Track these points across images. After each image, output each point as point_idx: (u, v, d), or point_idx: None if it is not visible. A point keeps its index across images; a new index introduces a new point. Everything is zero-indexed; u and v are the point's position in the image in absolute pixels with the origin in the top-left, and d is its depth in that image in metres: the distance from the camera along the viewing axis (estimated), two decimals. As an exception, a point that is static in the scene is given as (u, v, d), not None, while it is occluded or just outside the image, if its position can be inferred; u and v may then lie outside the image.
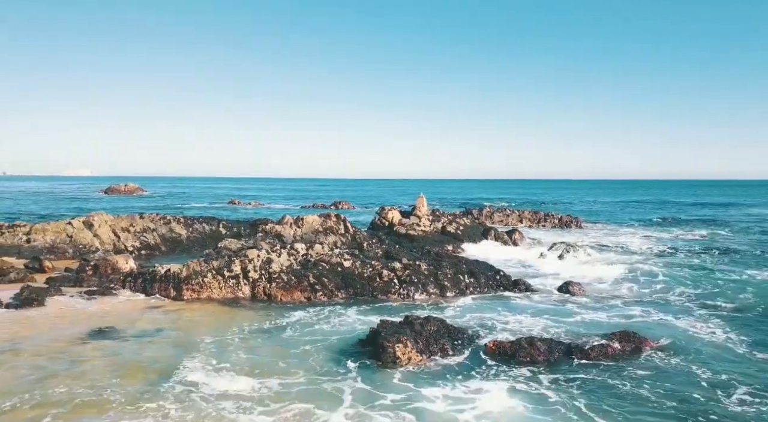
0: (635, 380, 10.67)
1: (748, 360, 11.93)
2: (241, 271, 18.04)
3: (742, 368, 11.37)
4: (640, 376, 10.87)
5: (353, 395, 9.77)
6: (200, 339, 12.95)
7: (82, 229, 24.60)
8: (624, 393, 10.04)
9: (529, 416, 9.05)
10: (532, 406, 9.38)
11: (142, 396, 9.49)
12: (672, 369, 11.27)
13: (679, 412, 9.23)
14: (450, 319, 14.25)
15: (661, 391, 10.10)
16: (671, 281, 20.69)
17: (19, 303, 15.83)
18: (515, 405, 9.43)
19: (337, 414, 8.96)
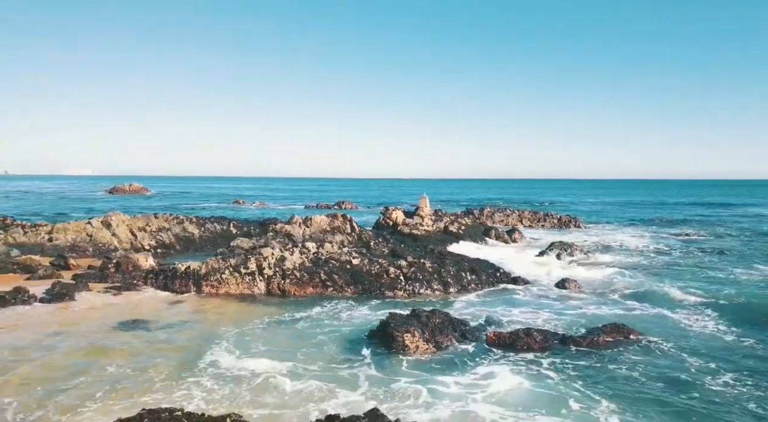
0: (627, 364, 11.85)
1: (734, 349, 13.08)
2: (256, 268, 19.17)
3: (728, 355, 12.51)
4: (632, 361, 12.04)
5: (368, 378, 10.90)
6: (223, 329, 14.10)
7: (101, 229, 25.75)
8: (617, 375, 11.21)
9: (535, 392, 10.24)
10: (536, 385, 10.56)
11: (180, 375, 10.66)
12: (662, 356, 12.43)
13: (667, 391, 10.42)
14: (453, 313, 15.39)
15: (650, 374, 11.26)
16: (663, 278, 21.81)
17: (52, 297, 16.99)
18: (520, 384, 10.60)
19: (355, 394, 10.09)
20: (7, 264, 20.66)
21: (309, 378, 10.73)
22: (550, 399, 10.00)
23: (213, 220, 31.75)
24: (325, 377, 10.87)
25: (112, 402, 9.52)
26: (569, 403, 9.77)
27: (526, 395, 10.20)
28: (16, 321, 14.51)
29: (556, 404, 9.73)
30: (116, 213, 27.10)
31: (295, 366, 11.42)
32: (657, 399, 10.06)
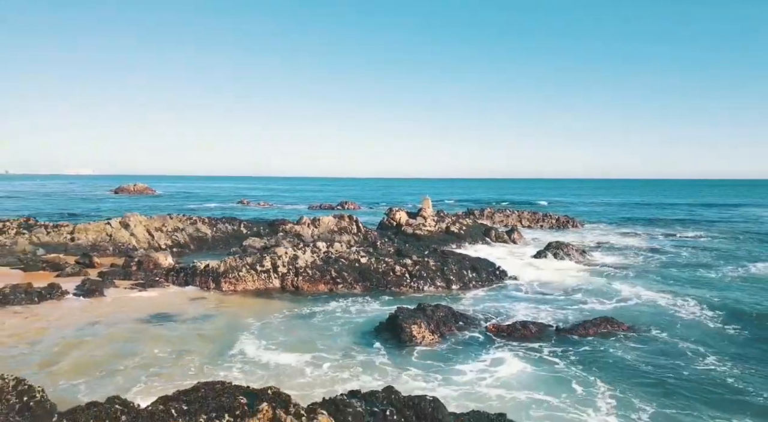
0: (618, 350, 13.20)
1: (719, 335, 14.40)
2: (271, 266, 20.47)
3: (713, 342, 13.83)
4: (623, 348, 13.40)
5: (382, 364, 12.20)
6: (246, 322, 15.41)
7: (120, 229, 27.05)
8: (610, 360, 12.55)
9: (538, 375, 11.55)
10: (538, 369, 11.89)
11: (212, 361, 11.96)
12: (650, 344, 13.77)
13: (656, 373, 11.79)
14: (456, 307, 16.68)
15: (640, 359, 12.62)
16: (654, 276, 23.10)
17: (83, 293, 18.31)
18: (524, 368, 11.93)
19: (371, 377, 11.37)
20: (37, 262, 21.98)
21: (329, 365, 12.03)
22: (554, 380, 11.29)
23: (224, 221, 33.05)
24: (344, 364, 12.16)
25: (157, 384, 10.79)
26: (571, 384, 11.07)
27: (531, 378, 11.47)
28: (56, 314, 15.83)
29: (559, 385, 11.03)
30: (134, 214, 28.40)
31: (316, 354, 12.71)
32: (647, 379, 11.40)
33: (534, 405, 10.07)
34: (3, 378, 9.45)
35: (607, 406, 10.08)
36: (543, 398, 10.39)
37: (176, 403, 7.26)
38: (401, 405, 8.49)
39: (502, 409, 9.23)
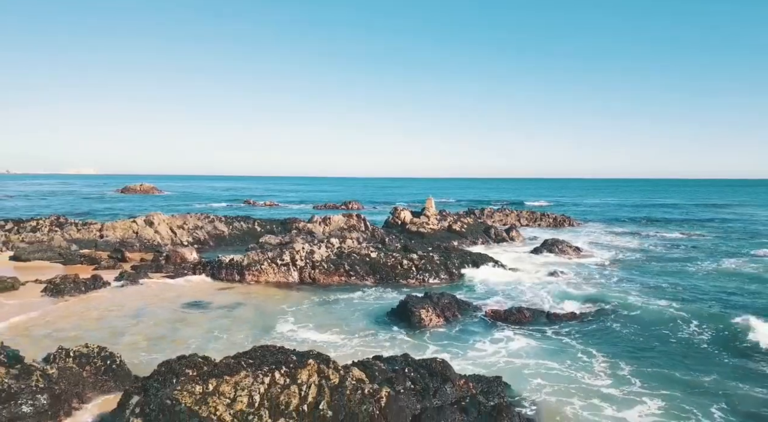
0: (604, 329, 15.39)
1: (686, 319, 16.49)
2: (290, 260, 22.48)
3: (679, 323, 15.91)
4: (609, 327, 15.59)
5: (399, 341, 14.21)
6: (278, 307, 17.44)
7: (145, 227, 29.06)
8: (598, 335, 14.69)
9: (542, 347, 13.63)
10: (540, 343, 13.97)
11: (256, 338, 13.95)
12: (630, 324, 15.89)
13: (638, 343, 14.07)
14: (458, 295, 18.67)
15: (623, 334, 14.87)
16: (639, 270, 25.11)
17: (123, 283, 20.36)
18: (528, 343, 14.01)
19: (391, 351, 13.35)
20: (75, 256, 23.99)
21: (355, 341, 14.06)
22: (556, 351, 13.41)
23: (240, 219, 35.06)
24: (367, 340, 14.18)
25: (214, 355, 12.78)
26: (573, 353, 13.19)
27: (535, 350, 13.52)
28: (104, 300, 17.87)
29: (561, 354, 13.14)
30: (157, 213, 30.41)
31: (342, 333, 14.74)
32: (631, 347, 13.83)
33: (532, 370, 12.08)
34: (88, 347, 11.51)
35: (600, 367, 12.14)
36: (540, 363, 12.44)
37: (243, 358, 9.29)
38: (416, 366, 10.51)
39: (507, 374, 11.31)
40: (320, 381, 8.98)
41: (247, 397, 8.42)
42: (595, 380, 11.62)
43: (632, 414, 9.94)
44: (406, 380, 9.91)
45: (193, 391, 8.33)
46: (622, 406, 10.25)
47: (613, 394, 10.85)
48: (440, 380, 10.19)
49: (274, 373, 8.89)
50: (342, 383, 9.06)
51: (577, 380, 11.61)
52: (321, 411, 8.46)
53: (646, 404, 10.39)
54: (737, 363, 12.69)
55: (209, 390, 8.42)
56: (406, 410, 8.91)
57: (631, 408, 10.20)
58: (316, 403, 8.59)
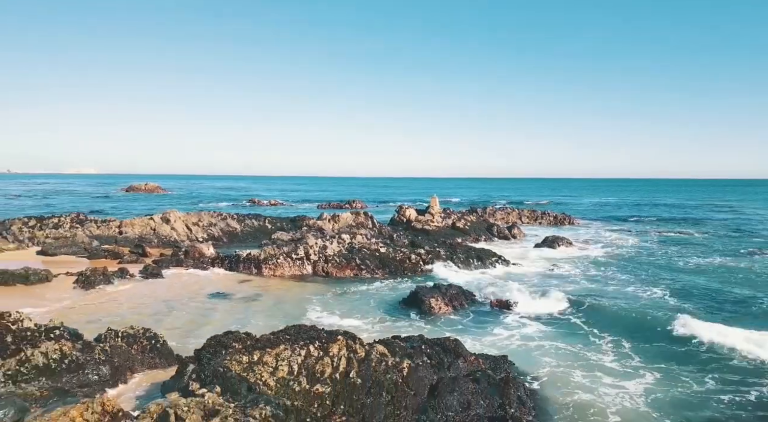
0: (602, 313, 16.65)
1: (676, 307, 17.71)
2: (304, 254, 23.70)
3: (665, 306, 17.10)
4: (605, 312, 16.81)
5: (414, 326, 15.40)
6: (297, 297, 18.65)
7: (162, 224, 30.29)
8: (597, 318, 16.02)
9: (551, 330, 14.88)
10: (548, 326, 15.25)
11: (288, 323, 15.10)
12: (622, 308, 17.10)
13: (629, 321, 15.54)
14: (464, 286, 19.89)
15: (618, 316, 16.21)
16: (634, 265, 26.33)
17: (147, 275, 21.58)
18: (537, 326, 15.24)
19: (407, 334, 14.55)
20: (99, 251, 25.22)
21: (373, 326, 15.30)
22: (560, 333, 14.64)
23: (251, 217, 36.29)
24: (384, 326, 15.39)
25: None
26: (575, 334, 14.48)
27: (541, 333, 14.74)
28: (134, 291, 19.10)
29: (564, 336, 14.38)
30: (173, 211, 31.63)
31: (361, 319, 15.99)
32: (630, 329, 14.96)
33: (538, 349, 13.30)
34: (134, 328, 12.75)
35: (602, 346, 13.35)
36: (546, 343, 13.64)
37: (281, 334, 10.52)
38: (431, 343, 11.74)
39: (515, 353, 12.57)
40: (349, 355, 10.20)
41: (287, 366, 9.65)
42: (597, 356, 12.89)
43: (630, 384, 11.18)
44: (423, 355, 11.12)
45: (240, 361, 9.56)
46: (622, 378, 11.51)
47: (614, 368, 12.12)
48: (453, 356, 11.41)
49: (309, 347, 10.11)
50: (368, 356, 10.28)
51: (580, 356, 12.87)
52: (351, 379, 9.67)
53: (643, 376, 11.65)
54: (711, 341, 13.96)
55: (254, 360, 9.65)
56: (425, 379, 10.13)
57: (630, 379, 11.45)
58: (347, 372, 9.81)
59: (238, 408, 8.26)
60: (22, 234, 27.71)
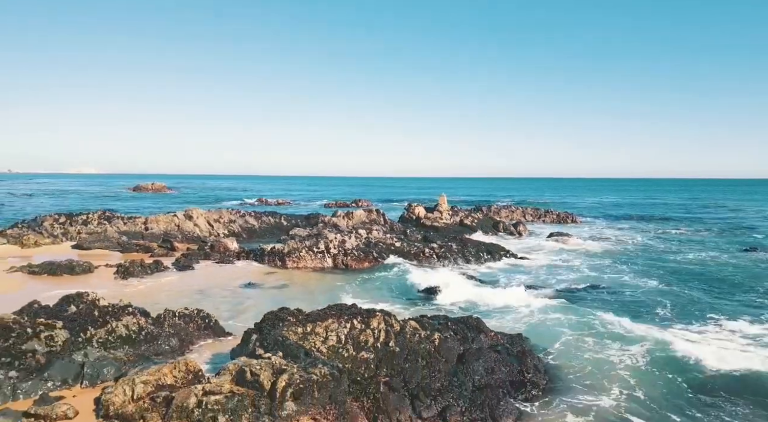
0: (600, 296, 18.28)
1: (667, 292, 19.27)
2: (324, 248, 25.23)
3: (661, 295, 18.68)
4: (602, 296, 18.40)
5: (437, 308, 16.92)
6: (321, 286, 20.17)
7: (185, 220, 31.81)
8: (597, 300, 17.73)
9: (560, 310, 16.42)
10: (558, 308, 16.78)
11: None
12: (622, 294, 18.62)
13: (626, 303, 17.14)
14: (479, 277, 21.43)
15: (618, 299, 17.79)
16: (632, 258, 27.86)
17: (180, 267, 23.09)
18: (547, 307, 16.80)
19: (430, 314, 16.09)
20: (131, 245, 26.76)
21: (399, 308, 16.83)
22: (570, 311, 16.23)
23: (267, 214, 37.84)
24: (412, 310, 16.91)
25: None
26: (583, 312, 16.11)
27: (552, 312, 16.30)
28: (172, 281, 20.62)
29: (574, 313, 16.02)
30: (195, 208, 33.17)
31: (388, 302, 17.57)
32: (624, 305, 16.55)
33: (552, 326, 14.83)
34: (188, 309, 14.28)
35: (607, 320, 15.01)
36: (558, 321, 15.18)
37: (327, 310, 12.05)
38: (456, 321, 13.26)
39: (531, 329, 14.14)
40: (387, 328, 11.73)
41: (335, 336, 11.18)
42: (604, 328, 14.48)
43: (635, 348, 12.79)
44: (449, 330, 12.65)
45: (296, 331, 11.09)
46: (627, 343, 13.09)
47: (621, 334, 13.73)
48: (476, 331, 12.94)
49: (353, 320, 11.65)
50: (402, 329, 11.82)
51: (589, 328, 14.48)
52: (390, 348, 11.20)
53: (647, 340, 13.27)
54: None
55: (308, 331, 11.18)
56: (453, 349, 11.65)
57: (634, 344, 13.03)
58: (386, 342, 11.34)
59: (300, 368, 9.79)
60: (54, 230, 29.25)
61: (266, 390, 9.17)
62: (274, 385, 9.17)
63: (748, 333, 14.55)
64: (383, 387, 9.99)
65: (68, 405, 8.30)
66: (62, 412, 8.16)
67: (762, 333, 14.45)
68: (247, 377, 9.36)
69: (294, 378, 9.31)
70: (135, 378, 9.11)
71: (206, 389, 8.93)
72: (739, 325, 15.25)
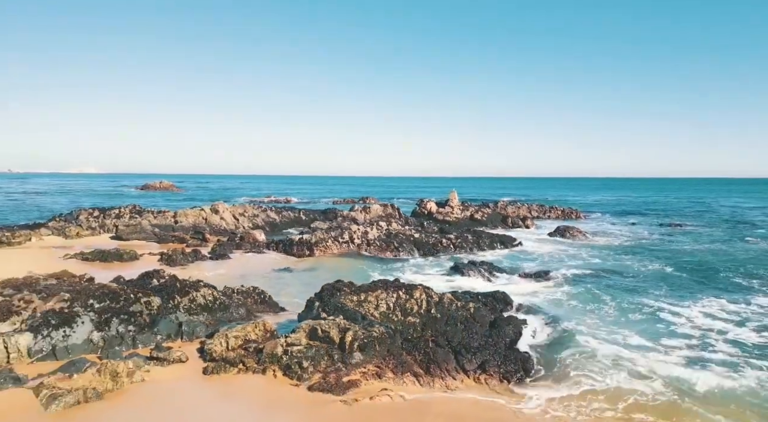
0: (604, 282, 19.95)
1: (668, 273, 21.02)
2: (349, 238, 27.00)
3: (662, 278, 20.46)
4: (606, 281, 20.10)
5: (458, 281, 18.69)
6: (351, 269, 21.93)
7: (212, 214, 33.58)
8: (604, 284, 19.26)
9: (570, 290, 18.12)
10: (570, 288, 18.51)
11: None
12: (625, 280, 20.39)
13: (638, 285, 18.84)
14: (494, 263, 23.21)
15: (621, 285, 19.37)
16: (634, 249, 29.67)
17: (217, 256, 24.84)
18: (557, 288, 18.54)
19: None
20: (167, 236, 28.53)
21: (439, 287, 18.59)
22: (579, 292, 17.96)
23: (287, 209, 39.61)
24: (444, 286, 18.65)
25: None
26: (589, 290, 17.91)
27: (562, 293, 18.04)
28: (211, 266, 22.38)
29: (581, 293, 17.76)
30: (221, 203, 34.95)
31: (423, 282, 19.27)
32: (627, 288, 18.15)
33: (563, 302, 16.60)
34: (244, 286, 16.06)
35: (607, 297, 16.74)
36: (567, 297, 16.95)
37: (374, 283, 13.83)
38: (485, 295, 15.04)
39: (546, 303, 15.92)
40: (428, 298, 13.51)
41: (385, 304, 12.97)
42: (604, 303, 16.33)
43: (627, 315, 14.67)
44: (479, 302, 14.43)
45: (352, 299, 12.88)
46: (621, 312, 14.98)
47: (621, 305, 15.59)
48: (503, 303, 14.73)
49: (398, 292, 13.43)
50: (441, 300, 13.59)
51: (593, 302, 16.28)
52: (432, 314, 12.98)
53: (639, 311, 15.10)
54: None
55: (362, 299, 12.97)
56: (485, 316, 13.43)
57: (627, 313, 14.94)
58: (428, 309, 13.12)
59: (361, 327, 11.57)
60: (90, 223, 31.01)
61: (336, 344, 10.97)
62: (343, 339, 10.96)
63: (730, 309, 16.43)
64: (431, 344, 11.77)
65: (181, 351, 10.08)
66: (177, 357, 9.93)
67: (740, 310, 16.35)
68: (319, 333, 11.15)
69: (358, 334, 11.10)
70: (227, 333, 10.90)
71: (288, 342, 10.72)
72: (720, 302, 17.26)
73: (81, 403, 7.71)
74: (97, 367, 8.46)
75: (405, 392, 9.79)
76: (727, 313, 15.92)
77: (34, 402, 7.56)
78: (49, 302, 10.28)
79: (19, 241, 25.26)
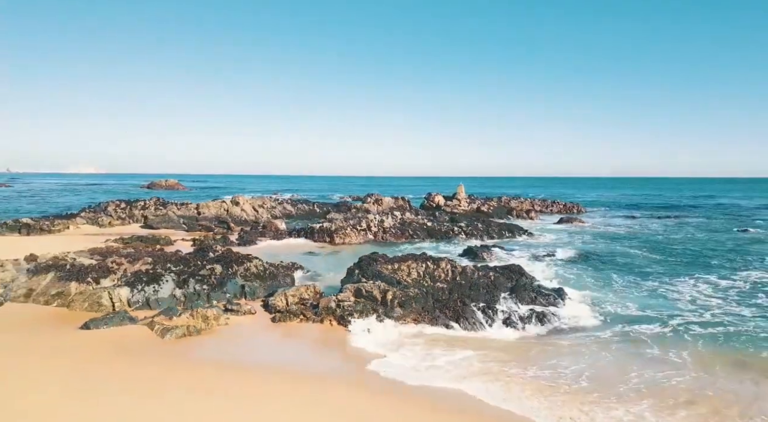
0: (598, 262, 21.57)
1: (656, 259, 22.77)
2: (366, 226, 28.75)
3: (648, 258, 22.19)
4: (600, 263, 21.75)
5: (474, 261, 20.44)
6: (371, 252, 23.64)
7: (233, 206, 35.32)
8: (598, 265, 20.91)
9: (577, 267, 19.84)
10: (575, 267, 20.20)
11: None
12: (617, 260, 22.12)
13: (635, 264, 20.27)
14: (505, 246, 24.96)
15: (614, 265, 21.06)
16: (629, 238, 31.46)
17: (243, 242, 26.57)
18: (566, 267, 20.25)
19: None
20: (195, 225, 30.26)
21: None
22: (584, 268, 19.64)
23: (301, 202, 41.38)
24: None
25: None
26: (593, 266, 19.47)
27: (570, 270, 19.78)
28: (244, 251, 24.08)
29: (587, 269, 19.43)
30: (241, 196, 36.70)
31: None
32: (617, 267, 19.86)
33: (572, 278, 18.36)
34: (283, 262, 17.79)
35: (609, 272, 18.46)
36: (575, 274, 18.70)
37: (404, 256, 15.58)
38: (502, 268, 16.80)
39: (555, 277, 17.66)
40: (453, 268, 15.27)
41: (416, 272, 14.72)
42: (606, 276, 18.08)
43: (628, 289, 16.41)
44: (498, 273, 16.19)
45: (387, 268, 14.63)
46: (622, 285, 16.70)
47: (621, 280, 17.31)
48: (519, 274, 16.49)
49: (427, 262, 15.19)
50: (465, 270, 15.35)
51: (598, 276, 18.00)
52: (458, 281, 14.74)
53: (636, 285, 16.84)
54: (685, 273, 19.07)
55: (395, 267, 14.72)
56: (504, 284, 15.19)
57: (626, 286, 16.67)
58: (454, 277, 14.88)
59: (398, 289, 13.33)
60: (118, 214, 32.73)
61: (379, 301, 12.73)
62: (384, 297, 12.73)
63: (720, 285, 18.13)
64: (459, 303, 13.53)
65: (250, 305, 11.84)
66: (247, 310, 11.69)
67: (729, 286, 18.06)
68: (363, 293, 12.91)
69: (397, 293, 12.87)
70: (286, 292, 12.66)
71: (338, 299, 12.48)
72: (710, 278, 18.97)
73: (185, 336, 9.44)
74: (190, 312, 10.21)
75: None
76: (721, 289, 17.54)
77: (150, 333, 9.30)
78: (135, 264, 12.02)
79: (59, 229, 26.99)
